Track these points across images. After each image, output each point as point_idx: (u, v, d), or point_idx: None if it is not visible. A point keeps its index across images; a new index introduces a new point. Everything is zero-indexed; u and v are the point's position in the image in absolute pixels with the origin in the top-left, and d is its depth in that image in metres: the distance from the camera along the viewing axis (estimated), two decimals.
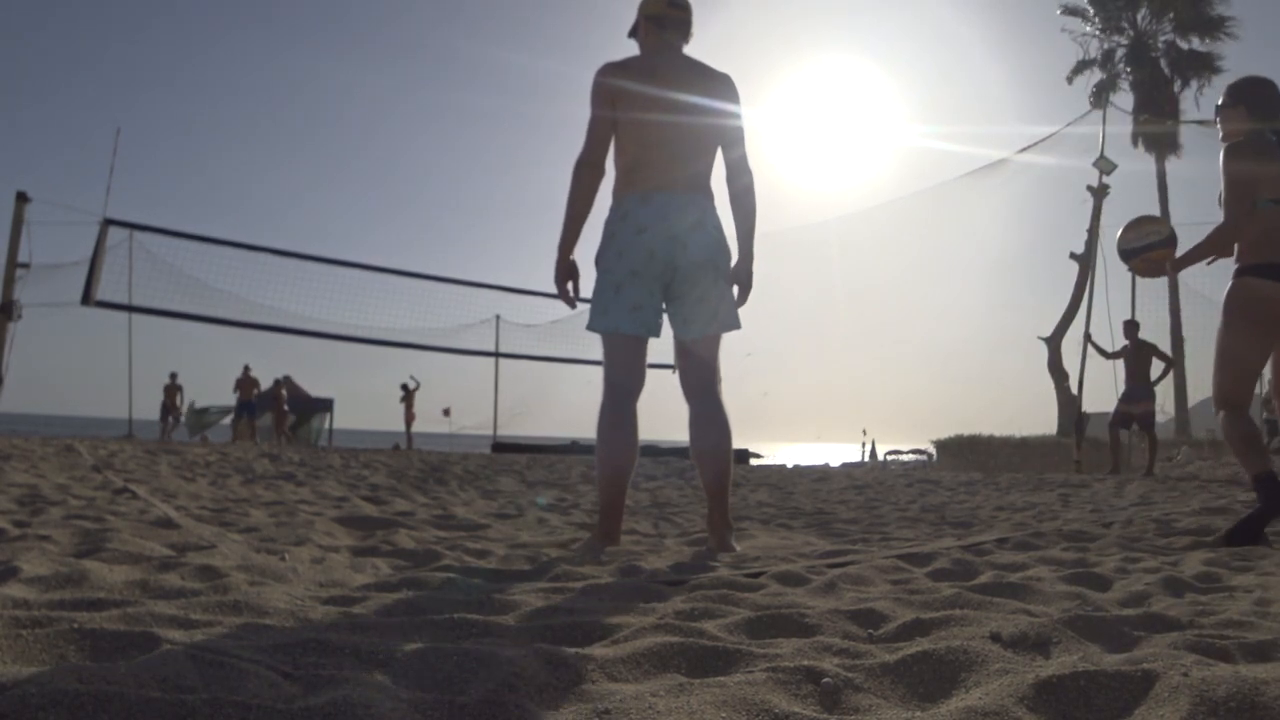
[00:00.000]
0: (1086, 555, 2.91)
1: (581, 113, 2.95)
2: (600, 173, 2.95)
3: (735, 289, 3.02)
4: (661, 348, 3.05)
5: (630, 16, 3.12)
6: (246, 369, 18.80)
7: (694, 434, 2.97)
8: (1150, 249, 3.81)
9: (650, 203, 2.85)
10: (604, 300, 2.92)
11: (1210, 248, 3.56)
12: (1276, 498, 3.26)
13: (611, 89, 2.90)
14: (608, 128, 2.92)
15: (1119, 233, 4.02)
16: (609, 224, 2.95)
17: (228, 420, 20.05)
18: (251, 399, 18.74)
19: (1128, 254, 3.88)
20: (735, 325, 3.00)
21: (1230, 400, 3.46)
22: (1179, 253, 3.75)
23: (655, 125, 2.88)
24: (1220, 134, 3.63)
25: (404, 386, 20.39)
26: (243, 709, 1.03)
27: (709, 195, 2.97)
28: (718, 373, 3.00)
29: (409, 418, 20.31)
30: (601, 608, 1.88)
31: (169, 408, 18.71)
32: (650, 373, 3.01)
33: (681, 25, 3.03)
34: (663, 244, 2.83)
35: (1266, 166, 3.38)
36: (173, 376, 18.85)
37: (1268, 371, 3.58)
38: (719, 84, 2.99)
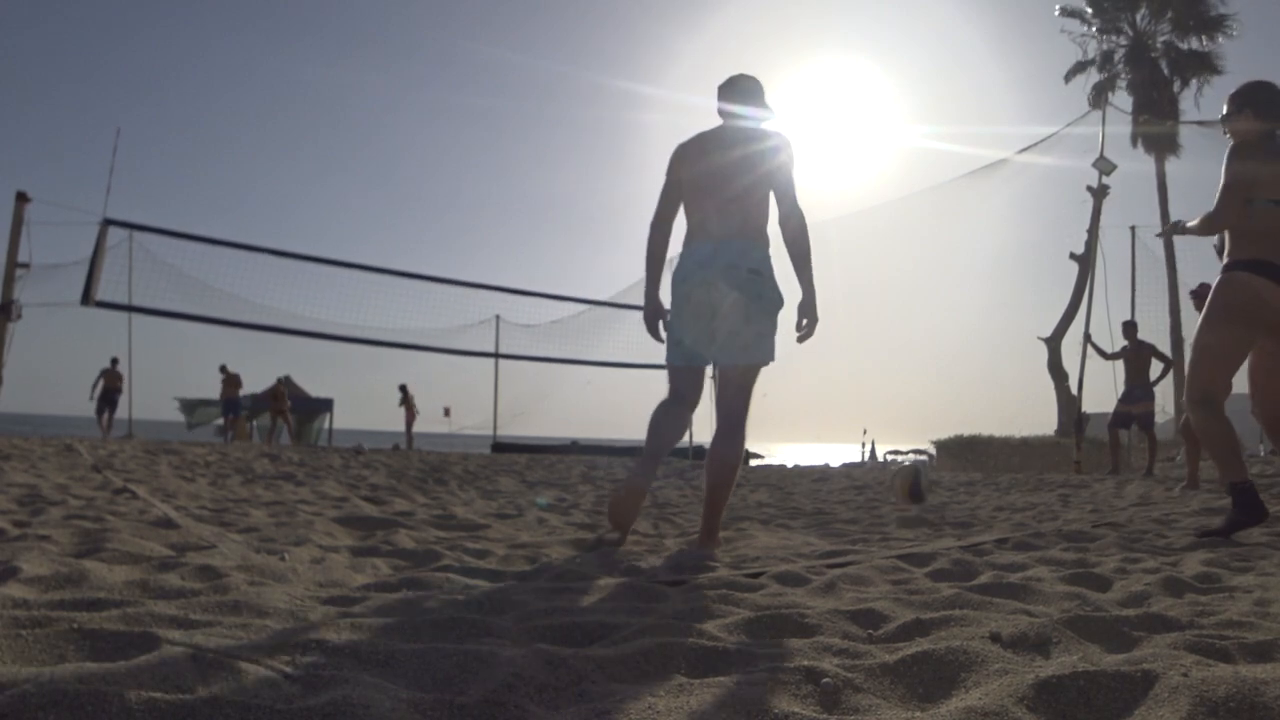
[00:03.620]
0: (1086, 555, 2.91)
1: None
2: (666, 229, 3.39)
3: (804, 320, 3.26)
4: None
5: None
6: (223, 369, 18.22)
7: (711, 445, 3.22)
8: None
9: (693, 252, 3.23)
10: (667, 338, 3.37)
11: (1198, 231, 3.63)
12: (1252, 510, 3.30)
13: (675, 159, 3.37)
14: (672, 191, 3.36)
15: None
16: (673, 273, 3.33)
17: (218, 421, 19.80)
18: (235, 397, 18.33)
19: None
20: (764, 359, 3.21)
21: (1208, 394, 3.45)
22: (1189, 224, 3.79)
23: (700, 182, 3.28)
24: (1229, 139, 3.64)
25: (402, 388, 20.30)
26: (243, 709, 1.03)
27: (752, 239, 3.20)
28: (745, 399, 3.21)
29: (409, 418, 20.21)
30: (601, 608, 1.88)
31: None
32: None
33: (733, 99, 3.37)
34: (698, 287, 3.18)
35: (1269, 167, 3.40)
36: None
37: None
38: (766, 142, 3.27)
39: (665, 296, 3.39)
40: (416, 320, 12.79)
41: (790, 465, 14.28)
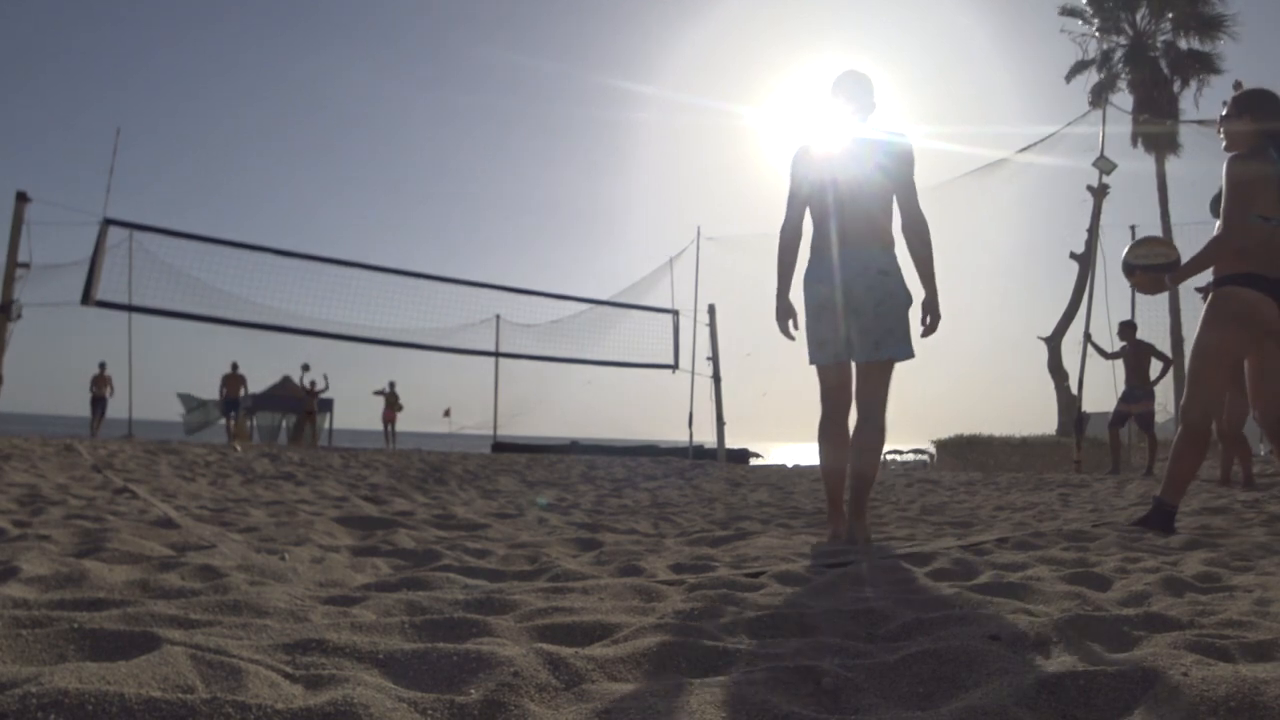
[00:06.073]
0: (1086, 555, 2.91)
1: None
2: (797, 235, 3.48)
3: (927, 317, 3.38)
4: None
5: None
6: (234, 366, 18.23)
7: (854, 436, 3.40)
8: (1154, 269, 3.86)
9: (826, 257, 3.37)
10: (809, 340, 3.47)
11: (1207, 259, 3.59)
12: (1165, 526, 3.60)
13: (797, 164, 3.46)
14: (798, 196, 3.45)
15: (1127, 247, 4.12)
16: (804, 277, 3.47)
17: (220, 421, 19.74)
18: (237, 397, 18.23)
19: (1132, 268, 3.93)
20: (899, 355, 3.32)
21: (1205, 414, 3.56)
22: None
23: (827, 188, 3.40)
24: (1224, 143, 3.64)
25: (391, 384, 20.08)
26: (243, 709, 1.03)
27: (881, 243, 3.34)
28: (883, 393, 3.36)
29: (389, 416, 19.82)
30: (601, 608, 1.88)
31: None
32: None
33: (848, 98, 3.44)
34: (832, 290, 3.34)
35: (1261, 183, 3.42)
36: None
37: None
38: (889, 148, 3.37)
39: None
40: (417, 320, 12.77)
41: (790, 465, 14.28)
